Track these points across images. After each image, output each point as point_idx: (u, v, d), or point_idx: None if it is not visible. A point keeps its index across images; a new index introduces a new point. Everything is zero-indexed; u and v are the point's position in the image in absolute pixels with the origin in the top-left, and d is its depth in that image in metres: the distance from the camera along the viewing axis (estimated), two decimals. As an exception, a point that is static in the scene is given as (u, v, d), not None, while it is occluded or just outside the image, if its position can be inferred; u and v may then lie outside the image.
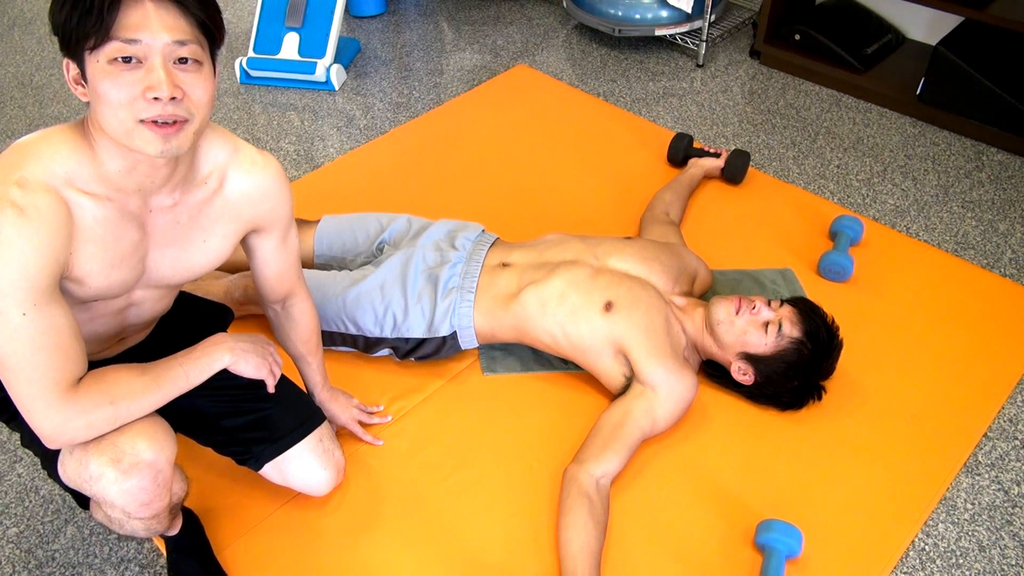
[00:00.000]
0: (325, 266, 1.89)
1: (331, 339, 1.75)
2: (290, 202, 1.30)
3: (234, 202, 1.22)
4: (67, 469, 1.17)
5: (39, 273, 1.00)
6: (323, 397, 1.58)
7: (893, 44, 2.82)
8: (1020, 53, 2.46)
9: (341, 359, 1.79)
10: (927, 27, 2.84)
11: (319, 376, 1.55)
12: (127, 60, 0.96)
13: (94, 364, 1.13)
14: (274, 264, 1.35)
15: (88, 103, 1.02)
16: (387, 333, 1.70)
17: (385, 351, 1.75)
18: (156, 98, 0.98)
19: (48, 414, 1.05)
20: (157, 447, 1.16)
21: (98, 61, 0.96)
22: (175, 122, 1.01)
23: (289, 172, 2.44)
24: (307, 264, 1.90)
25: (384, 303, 1.69)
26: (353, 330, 1.72)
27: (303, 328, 1.47)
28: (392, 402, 1.72)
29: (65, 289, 1.07)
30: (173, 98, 0.98)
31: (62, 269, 1.04)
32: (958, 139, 2.53)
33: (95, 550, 1.51)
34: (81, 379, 1.08)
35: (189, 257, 1.20)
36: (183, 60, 0.99)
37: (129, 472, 1.14)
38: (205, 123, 1.06)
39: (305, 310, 1.46)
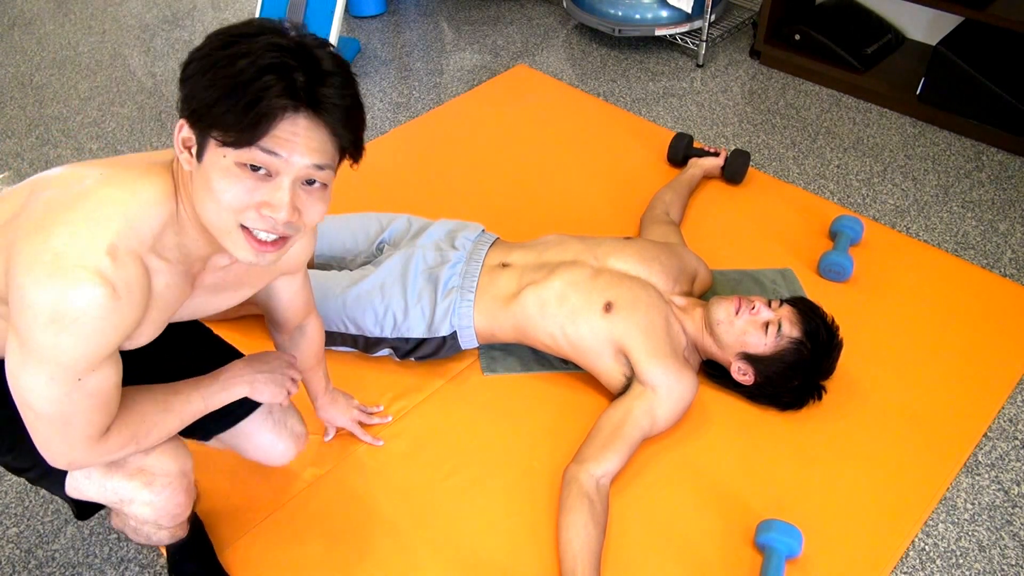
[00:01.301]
0: (325, 266, 1.89)
1: (331, 339, 1.75)
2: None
3: (281, 262, 1.19)
4: (86, 491, 1.15)
5: (108, 348, 0.94)
6: (324, 401, 1.58)
7: (893, 44, 2.82)
8: (1020, 53, 2.46)
9: (341, 359, 1.79)
10: (927, 27, 2.84)
11: (323, 382, 1.55)
12: (256, 168, 0.88)
13: None
14: (300, 298, 1.35)
15: (186, 169, 0.94)
16: (387, 333, 1.70)
17: (385, 351, 1.75)
18: (270, 216, 0.90)
19: (71, 456, 1.02)
20: (181, 460, 1.18)
21: (224, 156, 0.87)
22: (277, 239, 0.94)
23: (289, 172, 2.44)
24: (307, 264, 1.90)
25: (384, 303, 1.69)
26: (353, 330, 1.72)
27: (316, 344, 1.47)
28: (392, 402, 1.72)
29: None
30: (288, 221, 0.91)
31: (128, 338, 0.99)
32: (958, 139, 2.53)
33: (95, 550, 1.51)
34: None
35: (216, 303, 1.16)
36: (311, 181, 0.93)
37: (162, 490, 1.15)
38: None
39: (317, 327, 1.45)
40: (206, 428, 1.38)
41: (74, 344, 0.90)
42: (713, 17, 2.85)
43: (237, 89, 0.84)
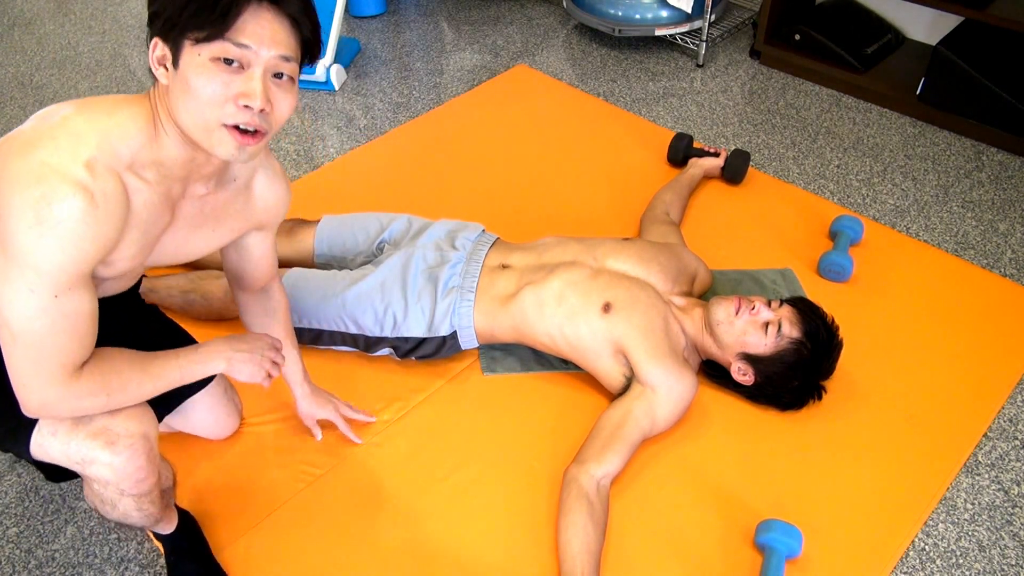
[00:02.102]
0: (325, 266, 1.89)
1: (331, 338, 1.75)
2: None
3: (254, 204, 1.26)
4: (50, 450, 1.17)
5: (87, 262, 1.00)
6: (303, 391, 1.58)
7: (893, 44, 2.82)
8: (1020, 53, 2.46)
9: (341, 359, 1.79)
10: (927, 27, 2.84)
11: (298, 365, 1.55)
12: (229, 62, 0.96)
13: None
14: (268, 259, 1.39)
15: (162, 85, 1.01)
16: (387, 333, 1.70)
17: (385, 351, 1.75)
18: (247, 106, 0.98)
19: (43, 391, 1.05)
20: (145, 424, 1.19)
21: (199, 55, 0.96)
22: (256, 132, 1.02)
23: (289, 172, 2.44)
24: (307, 264, 1.90)
25: (384, 303, 1.69)
26: (353, 329, 1.72)
27: (284, 308, 1.50)
28: (392, 402, 1.72)
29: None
30: (262, 110, 0.99)
31: (107, 255, 1.04)
32: (958, 139, 2.53)
33: (95, 550, 1.51)
34: (85, 363, 1.08)
35: (195, 243, 1.22)
36: (279, 75, 1.01)
37: (123, 451, 1.16)
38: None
39: (281, 292, 1.49)
40: (163, 402, 1.41)
41: (54, 250, 0.96)
42: (713, 17, 2.85)
43: None
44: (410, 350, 1.73)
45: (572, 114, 2.63)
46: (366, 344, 1.74)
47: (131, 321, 1.38)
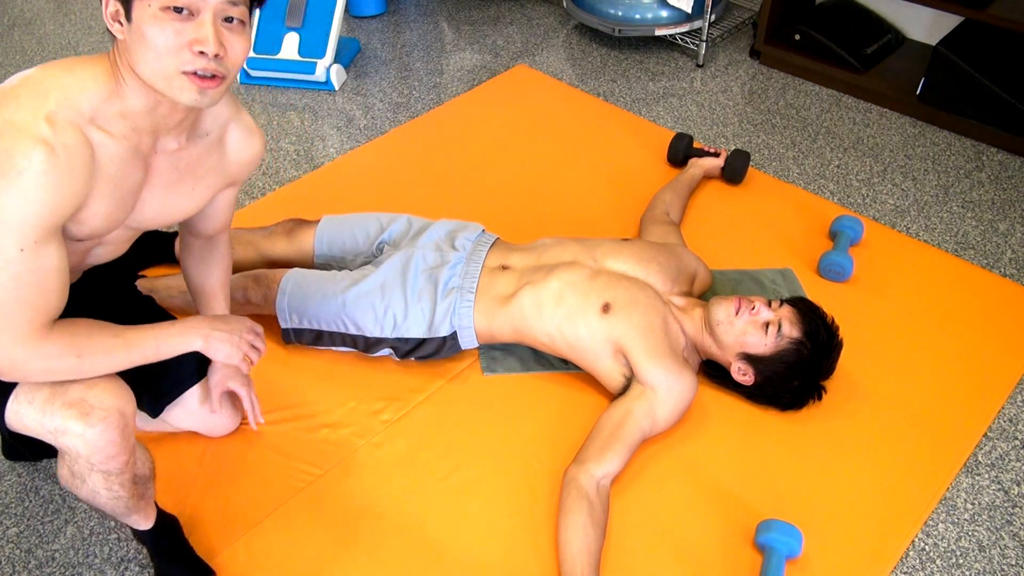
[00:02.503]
0: (325, 266, 1.89)
1: (331, 339, 1.75)
2: None
3: (228, 159, 1.28)
4: (25, 418, 1.17)
5: (52, 214, 1.01)
6: None
7: (893, 44, 2.82)
8: (1020, 53, 2.46)
9: (341, 359, 1.79)
10: (927, 27, 2.84)
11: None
12: (179, 11, 0.99)
13: None
14: (227, 210, 1.41)
15: (121, 40, 1.04)
16: (387, 333, 1.70)
17: (385, 351, 1.75)
18: (202, 52, 1.01)
19: (12, 349, 1.06)
20: (122, 399, 1.19)
21: (150, 6, 0.99)
22: (214, 76, 1.05)
23: (289, 172, 2.44)
24: (307, 264, 1.90)
25: (384, 303, 1.69)
26: (353, 330, 1.72)
27: (227, 259, 1.51)
28: (392, 402, 1.72)
29: (63, 227, 1.08)
30: (217, 55, 1.02)
31: (75, 210, 1.05)
32: (958, 139, 2.53)
33: (95, 550, 1.51)
34: (55, 322, 1.09)
35: (176, 202, 1.24)
36: (229, 19, 1.04)
37: (96, 423, 1.16)
38: (233, 81, 1.10)
39: (227, 244, 1.51)
40: (158, 402, 1.46)
41: (17, 201, 0.98)
42: (713, 17, 2.85)
43: None
44: (410, 351, 1.73)
45: (572, 114, 2.63)
46: (366, 345, 1.74)
47: (125, 308, 1.38)
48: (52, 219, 1.02)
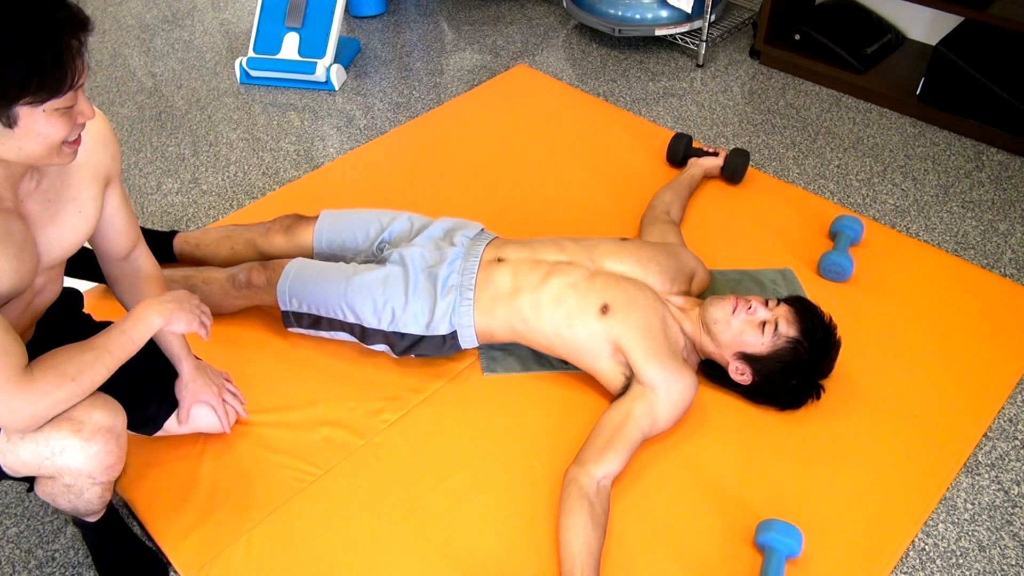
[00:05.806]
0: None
1: (330, 324, 1.74)
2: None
3: (88, 158, 1.27)
4: (21, 453, 1.19)
5: None
6: (189, 365, 1.52)
7: (893, 44, 2.82)
8: (1020, 53, 2.46)
9: (341, 358, 1.79)
10: (927, 27, 2.84)
11: (180, 339, 1.51)
12: (68, 107, 1.04)
13: None
14: (121, 214, 1.39)
15: None
16: (384, 326, 1.70)
17: (381, 346, 1.74)
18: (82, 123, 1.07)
19: (10, 404, 1.09)
20: (112, 412, 1.23)
21: (44, 111, 1.02)
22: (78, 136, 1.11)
23: (289, 172, 2.44)
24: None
25: (384, 296, 1.69)
26: (351, 318, 1.71)
27: (153, 277, 1.48)
28: (392, 402, 1.72)
29: None
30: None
31: None
32: (958, 139, 2.53)
33: (95, 550, 1.51)
34: (30, 365, 1.12)
35: (72, 225, 1.25)
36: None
37: (92, 438, 1.20)
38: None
39: (149, 255, 1.49)
40: (157, 417, 1.49)
41: None
42: (713, 17, 2.85)
43: (40, 57, 0.97)
44: (408, 347, 1.72)
45: (572, 114, 2.63)
46: (363, 334, 1.73)
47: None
48: None
